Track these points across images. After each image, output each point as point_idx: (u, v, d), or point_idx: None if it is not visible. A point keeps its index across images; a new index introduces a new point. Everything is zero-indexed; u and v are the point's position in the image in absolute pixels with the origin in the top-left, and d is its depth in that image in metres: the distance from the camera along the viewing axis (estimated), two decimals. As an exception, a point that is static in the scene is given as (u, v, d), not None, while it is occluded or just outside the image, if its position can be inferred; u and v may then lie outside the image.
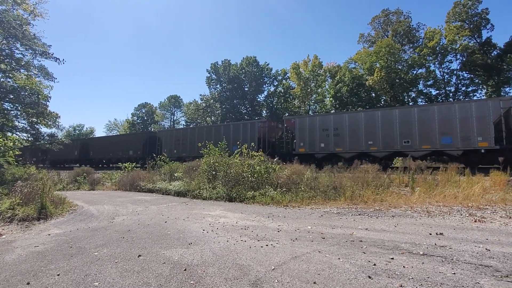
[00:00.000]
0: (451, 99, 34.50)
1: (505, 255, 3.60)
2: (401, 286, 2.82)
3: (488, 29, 34.03)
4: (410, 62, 35.17)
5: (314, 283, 2.94)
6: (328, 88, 40.95)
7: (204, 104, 51.49)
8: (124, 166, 17.24)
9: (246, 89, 47.04)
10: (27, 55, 16.73)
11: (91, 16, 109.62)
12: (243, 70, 46.91)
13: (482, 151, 14.62)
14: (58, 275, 3.32)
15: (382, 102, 36.39)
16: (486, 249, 3.86)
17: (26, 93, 16.87)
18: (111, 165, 29.04)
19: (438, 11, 66.81)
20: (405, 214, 6.36)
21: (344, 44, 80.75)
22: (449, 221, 5.56)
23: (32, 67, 17.06)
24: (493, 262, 3.40)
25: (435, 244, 4.13)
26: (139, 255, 3.93)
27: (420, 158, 16.10)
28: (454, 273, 3.09)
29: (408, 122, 16.68)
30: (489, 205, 6.80)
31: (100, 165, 31.74)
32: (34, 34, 16.24)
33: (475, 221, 5.46)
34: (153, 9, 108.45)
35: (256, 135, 21.64)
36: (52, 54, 16.88)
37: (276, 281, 3.02)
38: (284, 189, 9.31)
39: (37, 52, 16.59)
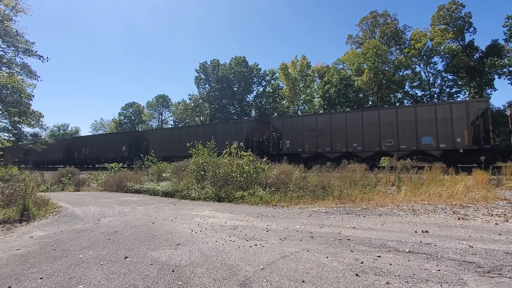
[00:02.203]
0: (435, 100, 35.34)
1: (487, 252, 3.71)
2: (387, 283, 2.86)
3: (471, 32, 35.19)
4: (396, 63, 35.83)
5: (303, 281, 2.95)
6: (317, 89, 41.27)
7: (192, 104, 51.06)
8: (110, 167, 16.87)
9: (235, 89, 46.86)
10: (9, 52, 16.25)
11: (78, 15, 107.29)
12: (232, 70, 46.73)
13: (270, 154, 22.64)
14: (41, 278, 3.22)
15: (370, 103, 36.96)
16: (469, 246, 3.96)
17: (8, 92, 16.36)
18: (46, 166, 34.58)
19: (423, 14, 68.47)
20: (391, 212, 6.47)
21: (332, 45, 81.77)
22: (434, 219, 5.69)
23: (14, 65, 16.59)
24: (476, 258, 3.49)
25: (421, 241, 4.22)
26: (126, 257, 3.86)
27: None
28: (439, 270, 3.16)
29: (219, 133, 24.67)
30: (472, 203, 7.00)
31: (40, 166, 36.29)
32: (16, 31, 15.79)
33: (459, 219, 5.61)
34: (141, 8, 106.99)
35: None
36: (35, 52, 16.48)
37: (265, 280, 3.01)
38: (273, 189, 9.32)
39: (19, 49, 16.14)
